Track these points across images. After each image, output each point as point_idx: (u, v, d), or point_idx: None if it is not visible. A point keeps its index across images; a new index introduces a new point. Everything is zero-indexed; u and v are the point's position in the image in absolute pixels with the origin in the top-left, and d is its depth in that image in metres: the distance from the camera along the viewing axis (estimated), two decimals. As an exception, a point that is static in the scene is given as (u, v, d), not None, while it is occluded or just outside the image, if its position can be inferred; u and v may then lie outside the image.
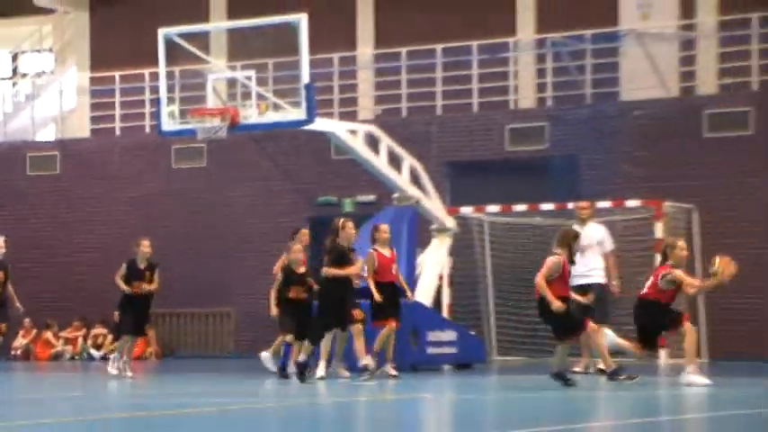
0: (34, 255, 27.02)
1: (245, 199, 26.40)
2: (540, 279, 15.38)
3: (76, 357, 26.28)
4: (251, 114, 19.08)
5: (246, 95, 19.61)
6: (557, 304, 15.24)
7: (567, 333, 15.60)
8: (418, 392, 15.17)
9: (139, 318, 18.28)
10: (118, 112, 28.12)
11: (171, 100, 20.13)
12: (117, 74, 27.91)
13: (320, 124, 19.91)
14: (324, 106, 23.94)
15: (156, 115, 20.48)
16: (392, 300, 17.72)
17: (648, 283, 15.96)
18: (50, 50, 30.14)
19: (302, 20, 18.76)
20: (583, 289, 17.47)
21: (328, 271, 17.03)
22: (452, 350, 20.04)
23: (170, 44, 19.44)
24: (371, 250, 17.79)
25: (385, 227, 18.14)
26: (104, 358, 25.63)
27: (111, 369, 18.42)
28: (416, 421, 11.84)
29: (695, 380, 15.32)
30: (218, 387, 16.79)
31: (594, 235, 18.69)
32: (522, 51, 25.53)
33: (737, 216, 22.77)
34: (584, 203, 19.21)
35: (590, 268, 18.33)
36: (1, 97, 29.90)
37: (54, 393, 16.30)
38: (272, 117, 19.31)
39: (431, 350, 19.25)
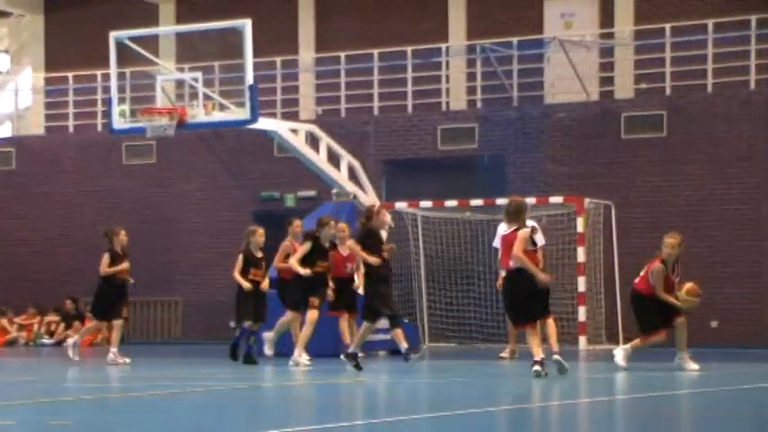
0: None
1: (193, 194, 26.28)
2: (518, 252, 13.80)
3: (30, 343, 26.05)
4: (198, 114, 19.01)
5: (194, 96, 19.54)
6: (541, 276, 13.75)
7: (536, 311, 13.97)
8: (356, 377, 15.19)
9: (113, 304, 18.05)
10: (71, 110, 27.88)
11: (122, 100, 20.05)
12: (70, 74, 27.68)
13: (263, 123, 19.88)
14: (267, 106, 23.90)
15: (107, 114, 20.34)
16: (345, 294, 17.54)
17: (642, 273, 15.56)
18: (6, 52, 29.85)
19: (246, 25, 18.71)
20: None
21: (353, 247, 16.58)
22: (387, 337, 20.03)
23: (121, 47, 19.31)
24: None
25: (342, 225, 17.85)
26: (57, 344, 25.44)
27: (72, 354, 18.17)
28: (355, 403, 11.87)
29: (619, 362, 15.45)
30: (168, 371, 16.71)
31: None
32: (453, 56, 25.61)
33: (652, 212, 23.01)
34: None
35: None
36: (-41, 96, 29.59)
37: (11, 378, 16.14)
38: (217, 116, 19.25)
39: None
